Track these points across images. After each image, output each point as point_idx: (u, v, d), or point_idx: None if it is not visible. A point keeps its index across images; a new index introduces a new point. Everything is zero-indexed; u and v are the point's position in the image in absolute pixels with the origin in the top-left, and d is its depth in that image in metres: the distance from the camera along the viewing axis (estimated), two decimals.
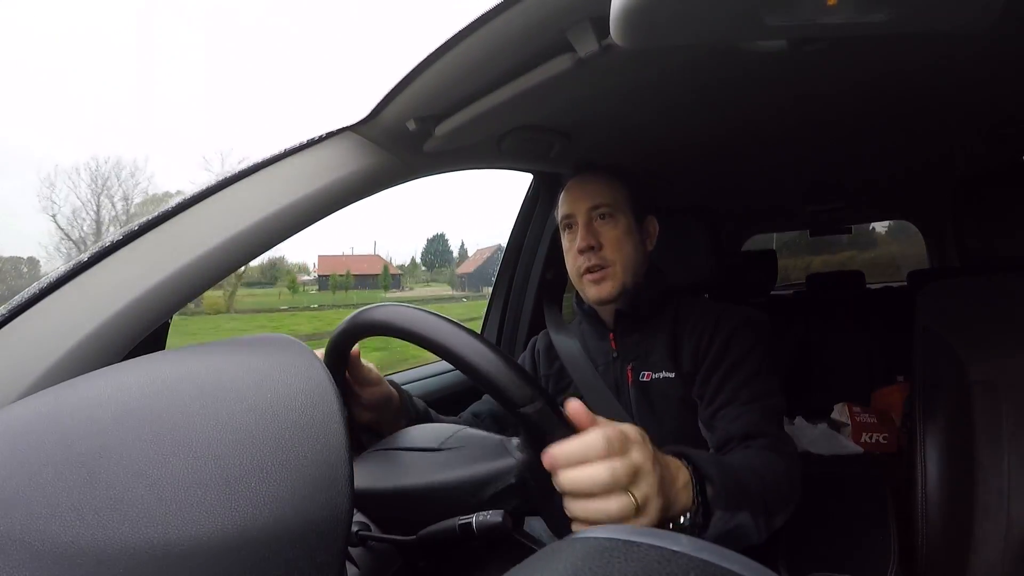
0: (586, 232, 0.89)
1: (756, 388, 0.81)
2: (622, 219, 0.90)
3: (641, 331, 0.92)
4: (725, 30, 0.47)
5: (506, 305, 1.38)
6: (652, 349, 0.90)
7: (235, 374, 0.32)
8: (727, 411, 0.80)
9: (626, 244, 0.90)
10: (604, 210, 0.90)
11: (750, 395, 0.80)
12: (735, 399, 0.80)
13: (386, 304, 0.52)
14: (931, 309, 0.98)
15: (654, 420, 0.87)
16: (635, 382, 0.90)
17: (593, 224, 0.90)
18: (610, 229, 0.90)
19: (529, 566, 0.28)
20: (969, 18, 0.42)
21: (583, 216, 0.90)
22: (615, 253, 0.89)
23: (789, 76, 0.79)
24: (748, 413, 0.78)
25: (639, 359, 0.91)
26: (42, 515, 0.24)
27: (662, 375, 0.88)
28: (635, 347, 0.91)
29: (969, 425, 0.90)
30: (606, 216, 0.90)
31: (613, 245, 0.89)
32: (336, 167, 0.71)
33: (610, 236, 0.89)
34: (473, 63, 0.63)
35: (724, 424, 0.79)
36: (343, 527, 0.28)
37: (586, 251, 0.89)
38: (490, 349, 0.46)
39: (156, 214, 0.60)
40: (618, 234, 0.89)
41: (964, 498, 0.87)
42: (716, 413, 0.80)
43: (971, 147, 1.24)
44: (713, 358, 0.84)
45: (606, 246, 0.89)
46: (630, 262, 0.90)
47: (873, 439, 1.63)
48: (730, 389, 0.81)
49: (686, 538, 0.27)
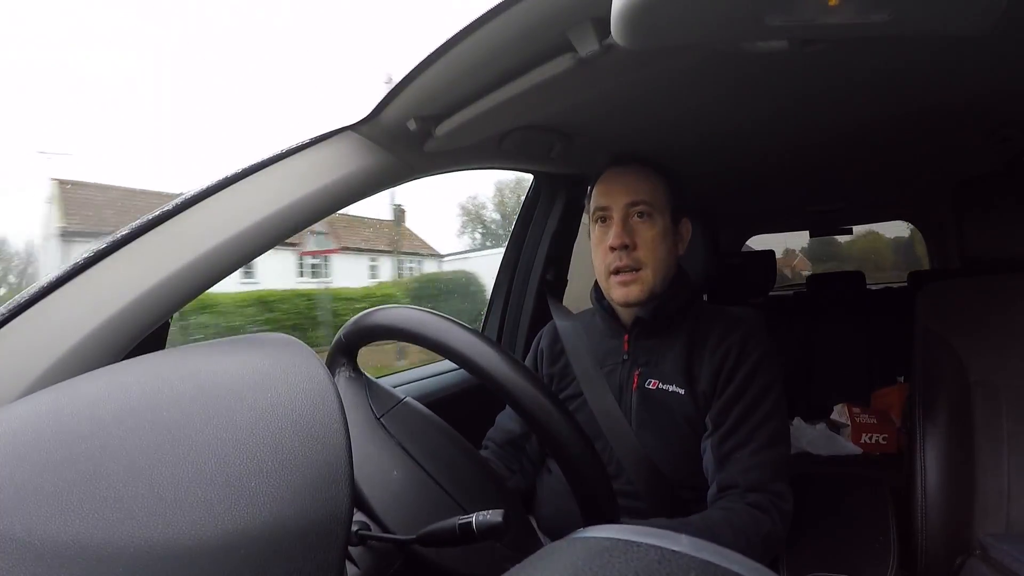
0: (621, 229, 0.84)
1: (772, 429, 0.81)
2: (660, 220, 0.86)
3: (658, 337, 0.88)
4: (726, 31, 0.47)
5: (506, 305, 1.38)
6: (665, 358, 0.87)
7: (235, 373, 0.32)
8: (740, 455, 0.79)
9: (661, 247, 0.85)
10: (643, 208, 0.85)
11: (766, 439, 0.80)
12: (751, 440, 0.80)
13: (397, 306, 0.52)
14: (931, 309, 0.98)
15: (653, 430, 0.85)
16: (640, 388, 0.87)
17: (630, 221, 0.85)
18: (647, 229, 0.85)
19: (529, 566, 0.28)
20: (970, 19, 0.42)
21: (620, 211, 0.85)
22: (649, 255, 0.84)
23: (790, 77, 0.79)
24: (759, 468, 0.78)
25: (649, 365, 0.88)
26: (42, 514, 0.24)
27: (671, 389, 0.85)
28: (647, 352, 0.88)
29: (969, 425, 0.90)
30: (644, 215, 0.85)
31: (648, 247, 0.85)
32: (336, 167, 0.71)
33: (646, 237, 0.85)
34: (474, 63, 0.63)
35: (734, 471, 0.79)
36: (343, 527, 0.28)
37: (619, 249, 0.84)
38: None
39: (156, 214, 0.60)
40: (655, 235, 0.85)
41: (964, 499, 0.87)
42: (730, 454, 0.80)
43: (971, 148, 1.24)
44: (737, 387, 0.82)
45: (640, 247, 0.84)
46: (662, 266, 0.86)
47: (873, 440, 1.63)
48: (749, 428, 0.80)
49: (686, 538, 0.27)
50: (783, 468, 0.81)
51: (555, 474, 0.90)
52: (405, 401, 0.62)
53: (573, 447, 0.48)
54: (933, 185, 1.74)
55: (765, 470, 0.78)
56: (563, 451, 0.48)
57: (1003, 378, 0.90)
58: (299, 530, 0.26)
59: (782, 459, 0.81)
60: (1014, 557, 0.77)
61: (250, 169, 0.66)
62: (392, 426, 0.59)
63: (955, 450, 0.89)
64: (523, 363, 0.52)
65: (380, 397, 0.61)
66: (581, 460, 0.48)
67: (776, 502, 0.78)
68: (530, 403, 0.47)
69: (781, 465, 0.81)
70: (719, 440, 0.81)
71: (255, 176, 0.66)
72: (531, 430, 0.48)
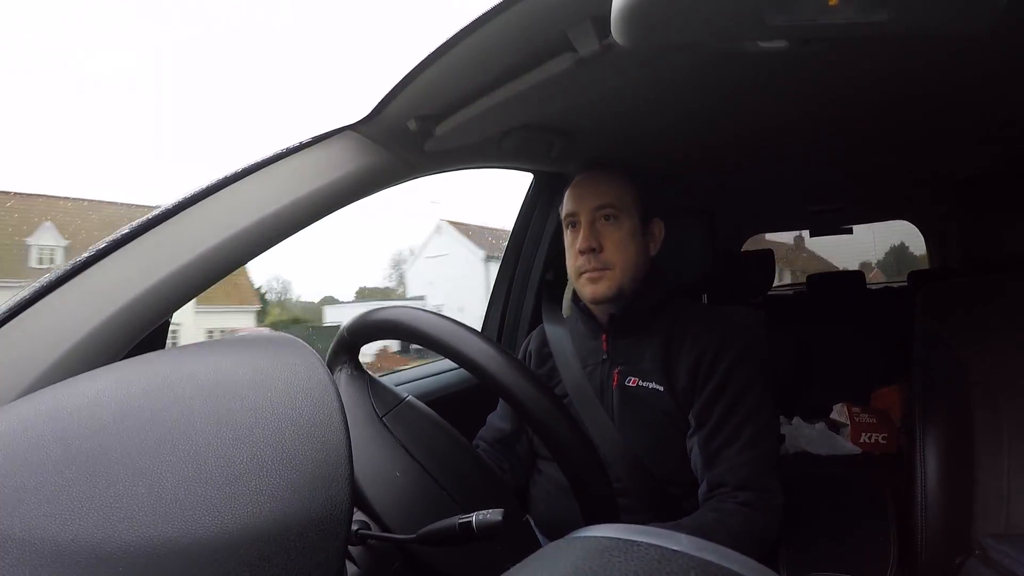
0: (588, 233, 0.87)
1: (758, 425, 0.81)
2: (626, 221, 0.88)
3: (635, 335, 0.90)
4: (726, 30, 0.47)
5: (506, 305, 1.38)
6: (643, 355, 0.88)
7: (235, 372, 0.32)
8: (727, 454, 0.80)
9: (629, 247, 0.88)
10: (609, 211, 0.88)
11: (752, 435, 0.80)
12: (737, 437, 0.80)
13: (399, 306, 0.52)
14: (931, 309, 0.98)
15: (636, 428, 0.86)
16: (620, 386, 0.88)
17: (596, 224, 0.88)
18: (614, 231, 0.88)
19: (529, 565, 0.28)
20: (970, 19, 0.42)
21: (587, 215, 0.88)
22: (616, 256, 0.87)
23: (790, 76, 0.79)
24: (747, 465, 0.79)
25: (628, 363, 0.89)
26: (42, 514, 0.24)
27: (650, 386, 0.86)
28: (626, 350, 0.90)
29: (969, 425, 0.90)
30: (611, 217, 0.88)
31: (615, 247, 0.87)
32: (336, 166, 0.71)
33: (613, 238, 0.87)
34: (474, 62, 0.63)
35: (722, 470, 0.80)
36: (343, 526, 0.28)
37: (587, 252, 0.87)
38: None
39: (156, 213, 0.60)
40: (621, 236, 0.88)
41: (964, 499, 0.87)
42: (718, 452, 0.81)
43: (972, 148, 1.24)
44: (716, 385, 0.83)
45: (608, 248, 0.87)
46: (630, 265, 0.88)
47: (872, 439, 1.63)
48: (733, 425, 0.81)
49: (686, 537, 0.27)
50: (772, 463, 0.82)
51: (546, 474, 0.91)
52: (407, 400, 0.62)
53: (575, 448, 0.48)
54: (934, 185, 1.74)
55: (753, 467, 0.79)
56: (564, 452, 0.48)
57: (1003, 378, 0.90)
58: (299, 529, 0.26)
59: (770, 454, 0.82)
60: (1014, 557, 0.77)
61: (250, 169, 0.66)
62: (394, 426, 0.59)
63: (954, 450, 0.89)
64: (524, 363, 0.52)
65: (382, 396, 0.61)
66: (582, 460, 0.48)
67: (767, 498, 0.78)
68: (531, 404, 0.48)
69: (769, 460, 0.81)
70: (705, 438, 0.82)
71: (255, 176, 0.66)
72: (533, 431, 0.49)
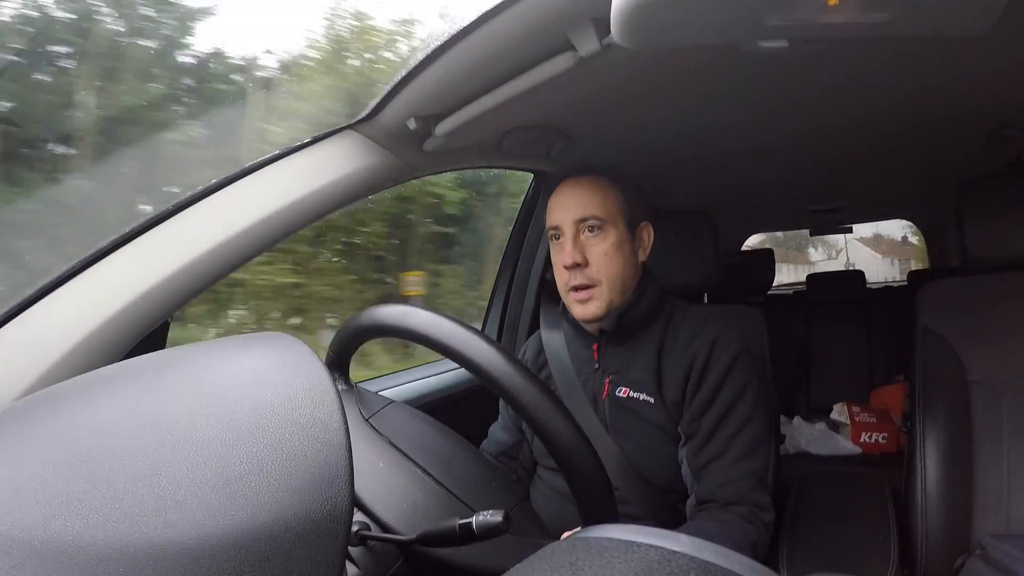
0: (572, 247, 0.83)
1: (749, 437, 0.80)
2: (612, 231, 0.84)
3: (627, 344, 0.88)
4: (726, 30, 0.47)
5: (506, 305, 1.38)
6: (635, 364, 0.86)
7: (235, 373, 0.32)
8: (717, 466, 0.79)
9: (615, 259, 0.84)
10: (593, 222, 0.83)
11: (743, 448, 0.79)
12: (727, 450, 0.79)
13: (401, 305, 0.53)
14: (931, 309, 0.98)
15: (629, 438, 0.85)
16: (611, 396, 0.86)
17: (580, 238, 0.84)
18: (599, 243, 0.83)
19: (529, 565, 0.28)
20: (970, 19, 0.42)
21: (570, 229, 0.84)
22: (602, 271, 0.83)
23: (790, 76, 0.79)
24: (737, 480, 0.78)
25: (619, 373, 0.87)
26: (42, 514, 0.24)
27: (641, 397, 0.84)
28: (617, 360, 0.88)
29: (969, 425, 0.90)
30: (595, 228, 0.84)
31: (601, 262, 0.83)
32: (337, 166, 0.71)
33: (598, 251, 0.83)
34: (474, 62, 0.63)
35: (712, 484, 0.79)
36: (343, 526, 0.28)
37: (572, 268, 0.83)
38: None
39: (156, 213, 0.60)
40: (607, 248, 0.83)
41: (964, 498, 0.87)
42: (707, 465, 0.80)
43: (972, 148, 1.23)
44: (707, 394, 0.81)
45: (593, 263, 0.83)
46: (618, 278, 0.84)
47: (872, 439, 1.64)
48: (723, 437, 0.80)
49: (686, 538, 0.27)
50: (763, 478, 0.81)
51: (546, 481, 0.91)
52: (393, 403, 0.63)
53: (575, 448, 0.48)
54: (934, 185, 1.74)
55: (743, 482, 0.78)
56: (563, 451, 0.48)
57: (1003, 377, 0.90)
58: (299, 530, 0.27)
59: (760, 469, 0.81)
60: (1014, 557, 0.77)
61: (250, 169, 0.66)
62: (380, 425, 0.60)
63: (955, 449, 0.89)
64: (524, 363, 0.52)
65: (367, 401, 0.62)
66: (582, 460, 0.48)
67: (758, 514, 0.77)
68: (531, 404, 0.47)
69: (760, 475, 0.80)
70: (694, 451, 0.81)
71: (255, 176, 0.66)
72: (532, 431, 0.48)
